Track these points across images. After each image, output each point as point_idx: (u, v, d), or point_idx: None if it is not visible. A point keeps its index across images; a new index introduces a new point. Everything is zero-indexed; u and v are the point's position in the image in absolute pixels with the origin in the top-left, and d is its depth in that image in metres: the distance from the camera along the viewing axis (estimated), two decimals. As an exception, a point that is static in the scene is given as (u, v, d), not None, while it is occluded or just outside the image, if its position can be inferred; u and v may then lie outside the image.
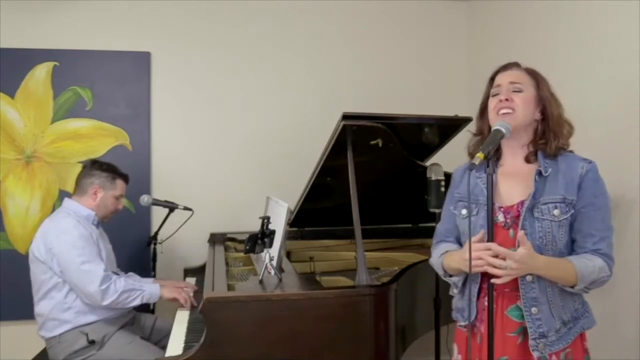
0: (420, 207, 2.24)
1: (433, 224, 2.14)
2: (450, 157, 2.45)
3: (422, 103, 3.23)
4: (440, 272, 1.60)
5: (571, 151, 1.51)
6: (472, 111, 2.35)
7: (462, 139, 2.41)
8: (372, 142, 2.20)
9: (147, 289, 2.26)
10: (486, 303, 1.46)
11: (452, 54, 3.44)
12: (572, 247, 1.45)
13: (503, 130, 1.39)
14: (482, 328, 1.49)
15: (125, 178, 2.46)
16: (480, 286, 1.50)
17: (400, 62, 3.38)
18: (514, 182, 1.49)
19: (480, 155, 1.30)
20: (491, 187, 1.33)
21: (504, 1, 2.93)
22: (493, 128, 1.42)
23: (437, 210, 2.11)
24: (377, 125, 2.09)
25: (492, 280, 1.37)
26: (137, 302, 2.23)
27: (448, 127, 2.36)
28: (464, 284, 1.55)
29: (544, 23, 2.54)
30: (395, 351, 1.82)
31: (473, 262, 1.36)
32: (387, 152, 2.25)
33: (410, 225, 3.02)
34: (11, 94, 2.97)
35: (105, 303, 2.16)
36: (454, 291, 1.59)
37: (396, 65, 3.37)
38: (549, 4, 2.50)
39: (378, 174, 2.47)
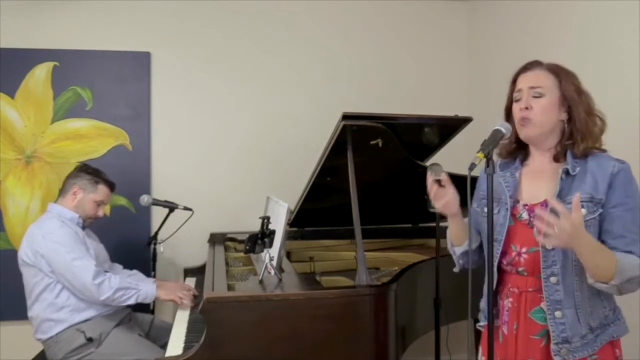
0: (420, 207, 2.24)
1: (433, 224, 2.14)
2: (450, 157, 2.45)
3: (422, 103, 3.24)
4: (449, 246, 1.62)
5: (604, 150, 1.43)
6: (472, 111, 2.36)
7: (462, 139, 2.42)
8: (372, 142, 2.20)
9: (143, 289, 2.25)
10: (509, 304, 1.46)
11: (452, 54, 3.44)
12: None
13: (503, 130, 1.38)
14: (505, 329, 1.47)
15: (109, 185, 2.42)
16: (500, 287, 1.49)
17: (400, 62, 3.38)
18: (539, 180, 1.46)
19: (480, 155, 1.29)
20: (491, 187, 1.32)
21: (504, 2, 2.94)
22: (493, 128, 1.41)
23: (436, 210, 2.10)
24: (377, 125, 2.09)
25: (539, 239, 1.28)
26: (132, 301, 2.23)
27: (448, 127, 2.36)
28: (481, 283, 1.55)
29: (544, 23, 2.54)
30: (395, 351, 1.81)
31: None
32: (387, 152, 2.25)
33: (410, 225, 3.02)
34: (11, 94, 2.97)
35: (102, 298, 2.16)
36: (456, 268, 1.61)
37: (396, 65, 3.37)
38: (549, 5, 2.50)
39: (378, 174, 2.47)
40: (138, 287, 2.25)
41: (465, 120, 2.26)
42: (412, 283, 2.09)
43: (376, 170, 2.41)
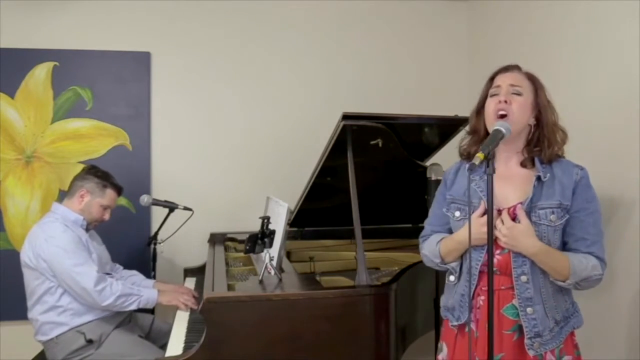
0: (420, 207, 2.24)
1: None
2: (450, 157, 2.44)
3: (422, 103, 3.23)
4: (437, 260, 1.59)
5: (563, 156, 1.53)
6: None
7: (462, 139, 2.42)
8: (372, 142, 2.21)
9: (144, 294, 2.25)
10: (481, 302, 1.48)
11: (452, 54, 3.44)
12: (564, 250, 1.47)
13: (503, 130, 1.39)
14: (474, 326, 1.49)
15: (117, 189, 2.40)
16: (476, 285, 1.50)
17: (400, 62, 3.38)
18: (509, 185, 1.50)
19: (480, 156, 1.29)
20: (491, 187, 1.32)
21: (504, 1, 2.93)
22: (493, 128, 1.42)
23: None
24: (377, 125, 2.09)
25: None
26: (133, 307, 2.23)
27: (448, 127, 2.36)
28: (459, 277, 1.56)
29: (544, 23, 2.54)
30: (395, 351, 1.82)
31: (480, 237, 1.41)
32: (387, 152, 2.25)
33: (410, 225, 3.02)
34: (11, 94, 2.97)
35: (104, 304, 2.15)
36: (450, 278, 1.59)
37: (396, 65, 3.37)
38: (549, 4, 2.50)
39: (378, 174, 2.47)
40: (140, 293, 2.24)
41: (465, 120, 2.25)
42: (412, 283, 2.09)
43: (376, 170, 2.41)
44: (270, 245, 1.98)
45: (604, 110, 2.12)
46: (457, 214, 1.55)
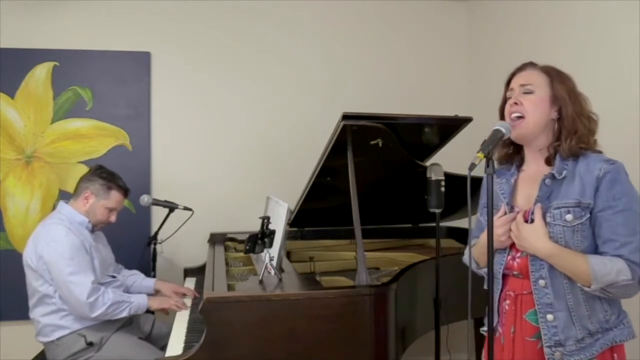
0: (420, 207, 2.24)
1: (433, 224, 2.14)
2: (450, 157, 2.45)
3: (422, 103, 3.24)
4: (473, 265, 1.55)
5: (599, 151, 1.41)
6: (472, 111, 2.36)
7: (462, 139, 2.42)
8: (372, 142, 2.20)
9: (135, 301, 2.25)
10: (506, 307, 1.46)
11: (452, 53, 3.44)
12: (595, 254, 1.35)
13: (503, 130, 1.37)
14: (502, 332, 1.47)
15: (123, 191, 2.37)
16: (501, 290, 1.48)
17: (400, 62, 3.38)
18: (533, 185, 1.45)
19: (479, 155, 1.28)
20: (491, 187, 1.31)
21: (504, 1, 2.94)
22: (493, 128, 1.40)
23: (437, 210, 2.11)
24: (377, 125, 2.09)
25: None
26: (125, 314, 2.22)
27: (448, 127, 2.36)
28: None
29: (543, 23, 2.54)
30: (395, 351, 1.81)
31: (498, 238, 1.39)
32: (387, 152, 2.25)
33: (410, 225, 3.02)
34: (11, 94, 2.97)
35: (93, 315, 2.14)
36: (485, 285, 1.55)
37: (396, 65, 3.37)
38: (548, 4, 2.50)
39: (378, 173, 2.47)
40: (130, 299, 2.25)
41: (465, 120, 2.25)
42: (412, 283, 2.09)
43: (376, 170, 2.41)
44: (270, 245, 1.98)
45: (603, 110, 2.11)
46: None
